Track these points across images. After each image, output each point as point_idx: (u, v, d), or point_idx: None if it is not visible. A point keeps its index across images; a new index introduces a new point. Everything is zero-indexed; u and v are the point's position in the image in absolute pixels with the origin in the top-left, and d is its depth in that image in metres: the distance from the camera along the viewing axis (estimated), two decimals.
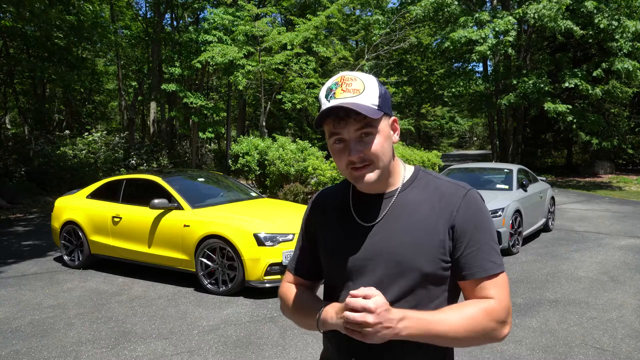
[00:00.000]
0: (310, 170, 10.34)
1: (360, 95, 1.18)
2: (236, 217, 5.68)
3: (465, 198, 1.22)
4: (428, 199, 1.24)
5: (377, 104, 1.19)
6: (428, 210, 1.22)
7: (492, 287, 1.18)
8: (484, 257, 1.19)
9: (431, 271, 1.19)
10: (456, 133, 60.01)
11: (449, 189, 1.25)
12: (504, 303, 1.17)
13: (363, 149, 1.19)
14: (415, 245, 1.20)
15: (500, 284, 1.19)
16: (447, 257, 1.20)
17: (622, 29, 15.37)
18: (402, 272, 1.19)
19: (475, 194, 1.25)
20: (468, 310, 1.15)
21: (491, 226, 1.23)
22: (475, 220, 1.20)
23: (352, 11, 27.00)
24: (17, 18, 14.03)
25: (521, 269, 6.43)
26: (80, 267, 6.77)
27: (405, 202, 1.25)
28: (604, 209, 11.64)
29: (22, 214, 12.05)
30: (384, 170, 1.23)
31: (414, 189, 1.27)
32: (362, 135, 1.19)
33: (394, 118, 1.27)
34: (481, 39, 15.99)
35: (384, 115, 1.21)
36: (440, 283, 1.22)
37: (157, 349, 4.11)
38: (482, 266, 1.18)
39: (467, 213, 1.20)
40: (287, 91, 17.34)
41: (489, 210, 1.25)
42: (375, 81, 1.23)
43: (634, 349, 3.95)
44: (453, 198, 1.22)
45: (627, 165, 24.68)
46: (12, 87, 19.80)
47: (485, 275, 1.18)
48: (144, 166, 18.33)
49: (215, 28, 15.78)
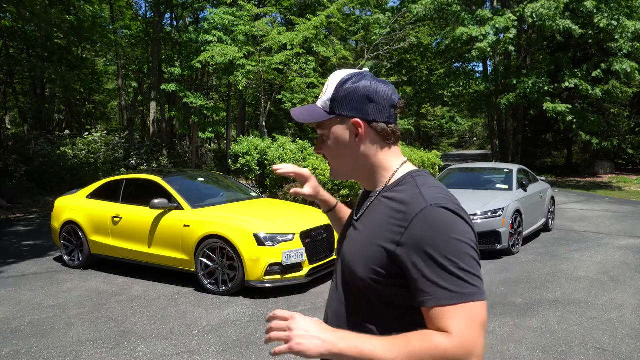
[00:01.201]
0: (310, 170, 10.35)
1: (320, 99, 1.24)
2: (236, 217, 5.68)
3: (420, 214, 1.07)
4: (389, 206, 1.16)
5: (327, 108, 1.21)
6: (384, 216, 1.15)
7: (450, 317, 1.01)
8: (437, 284, 1.03)
9: (363, 277, 1.14)
10: (456, 133, 60.02)
11: (412, 200, 1.11)
12: (463, 339, 1.00)
13: (320, 148, 1.28)
14: (359, 248, 1.18)
15: (463, 316, 1.01)
16: (381, 270, 1.11)
17: (622, 29, 15.37)
18: (349, 273, 1.20)
19: (436, 210, 1.07)
20: (413, 344, 1.01)
21: (452, 248, 1.04)
22: (427, 241, 1.05)
23: (352, 11, 27.01)
24: (17, 18, 14.04)
25: (521, 269, 6.43)
26: (80, 267, 6.77)
27: (375, 206, 1.21)
28: (604, 209, 11.64)
29: (22, 214, 12.05)
30: (343, 170, 1.27)
31: (390, 193, 1.19)
32: (321, 136, 1.26)
33: (354, 120, 1.18)
34: (482, 36, 16.00)
35: (337, 117, 1.21)
36: (380, 297, 1.14)
37: (157, 349, 4.11)
38: (433, 294, 1.03)
39: (419, 232, 1.06)
40: (287, 91, 17.35)
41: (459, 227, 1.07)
42: (338, 81, 1.20)
43: (634, 349, 3.95)
44: (409, 212, 1.09)
45: (627, 165, 24.68)
46: (12, 87, 19.81)
47: (437, 305, 1.02)
48: (144, 166, 18.33)
49: (215, 28, 15.78)
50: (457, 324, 1.01)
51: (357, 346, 1.03)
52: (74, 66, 16.92)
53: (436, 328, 1.03)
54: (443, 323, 1.02)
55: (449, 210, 1.08)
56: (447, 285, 1.03)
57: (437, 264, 1.04)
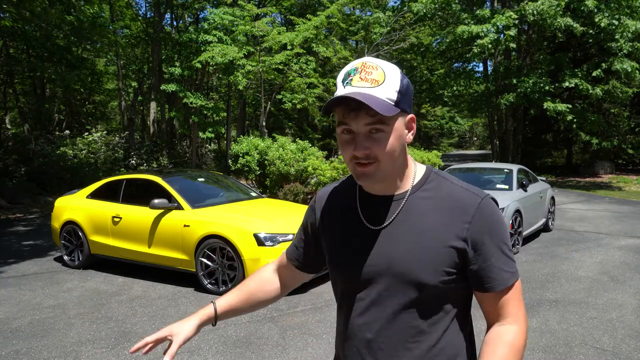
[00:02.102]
0: (310, 170, 10.35)
1: (378, 88, 1.09)
2: (236, 217, 5.68)
3: (479, 208, 1.15)
4: (439, 205, 1.16)
5: (394, 100, 1.09)
6: (437, 217, 1.15)
7: (510, 301, 1.16)
8: (502, 268, 1.15)
9: (433, 283, 1.13)
10: (456, 133, 60.04)
11: (462, 196, 1.17)
12: (521, 319, 1.17)
13: (370, 146, 1.10)
14: (419, 255, 1.13)
15: (517, 296, 1.17)
16: (452, 269, 1.14)
17: (622, 29, 15.38)
18: (405, 283, 1.14)
19: (490, 202, 1.17)
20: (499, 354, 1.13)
21: (506, 234, 1.18)
22: (491, 231, 1.14)
23: (352, 11, 27.01)
24: (17, 18, 14.03)
25: (521, 269, 6.43)
26: (80, 267, 6.76)
27: (415, 207, 1.17)
28: (604, 209, 11.64)
29: (22, 214, 12.05)
30: (389, 171, 1.15)
31: (424, 193, 1.19)
32: (372, 131, 1.09)
33: (411, 116, 1.16)
34: (482, 33, 16.00)
35: (401, 112, 1.12)
36: (443, 296, 1.16)
37: (157, 349, 4.11)
38: (501, 278, 1.15)
39: (482, 224, 1.14)
40: (287, 91, 17.35)
41: (501, 214, 1.20)
42: (399, 73, 1.12)
43: (634, 349, 3.95)
44: (467, 207, 1.15)
45: (627, 165, 24.68)
46: (12, 87, 19.81)
47: (504, 287, 1.15)
48: (144, 166, 18.33)
49: (215, 28, 15.78)
50: (516, 306, 1.17)
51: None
52: (74, 66, 16.91)
53: (499, 313, 1.17)
54: (506, 309, 1.16)
55: (494, 200, 1.20)
56: (507, 268, 1.16)
57: (500, 251, 1.16)
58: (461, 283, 1.17)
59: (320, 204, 1.36)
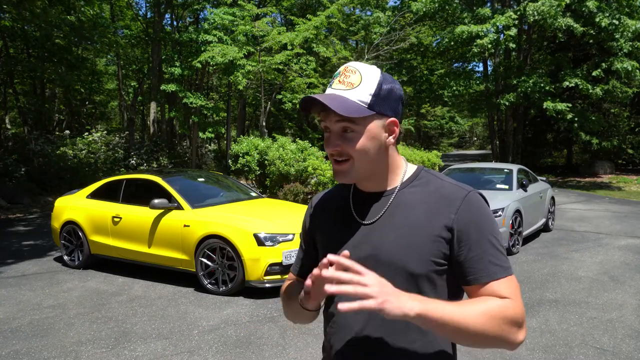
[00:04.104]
0: (310, 170, 10.35)
1: (352, 90, 1.14)
2: (236, 217, 5.68)
3: (465, 200, 1.16)
4: (426, 199, 1.19)
5: (367, 102, 1.14)
6: (425, 209, 1.18)
7: (505, 288, 1.12)
8: (490, 261, 1.13)
9: (421, 272, 1.15)
10: (456, 133, 59.97)
11: (450, 190, 1.20)
12: (518, 304, 1.11)
13: (341, 144, 1.16)
14: (407, 245, 1.16)
15: (512, 287, 1.13)
16: (440, 260, 1.15)
17: (623, 28, 15.38)
18: (394, 273, 1.14)
19: (477, 195, 1.19)
20: (484, 304, 1.08)
21: (494, 227, 1.17)
22: (477, 223, 1.15)
23: (352, 11, 27.00)
24: (17, 18, 14.03)
25: (521, 269, 6.42)
26: (80, 267, 6.77)
27: (403, 201, 1.21)
28: (604, 209, 11.64)
29: (22, 214, 12.05)
30: (366, 170, 1.19)
31: (412, 188, 1.23)
32: (346, 130, 1.15)
33: (392, 120, 1.19)
34: (482, 33, 16.00)
35: (376, 115, 1.15)
36: (434, 287, 1.16)
37: (157, 349, 4.11)
38: (487, 270, 1.13)
39: (468, 215, 1.15)
40: (287, 91, 17.35)
41: (490, 210, 1.21)
42: (378, 77, 1.16)
43: (634, 349, 3.95)
44: (453, 199, 1.17)
45: (627, 165, 24.66)
46: (12, 87, 19.80)
47: (490, 280, 1.12)
48: (144, 166, 18.32)
49: (216, 28, 15.78)
50: (511, 293, 1.12)
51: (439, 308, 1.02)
52: (74, 66, 16.92)
53: None
54: (498, 293, 1.12)
55: (482, 195, 1.21)
56: (496, 262, 1.14)
57: (489, 243, 1.15)
58: (451, 276, 1.18)
59: (313, 210, 1.40)
